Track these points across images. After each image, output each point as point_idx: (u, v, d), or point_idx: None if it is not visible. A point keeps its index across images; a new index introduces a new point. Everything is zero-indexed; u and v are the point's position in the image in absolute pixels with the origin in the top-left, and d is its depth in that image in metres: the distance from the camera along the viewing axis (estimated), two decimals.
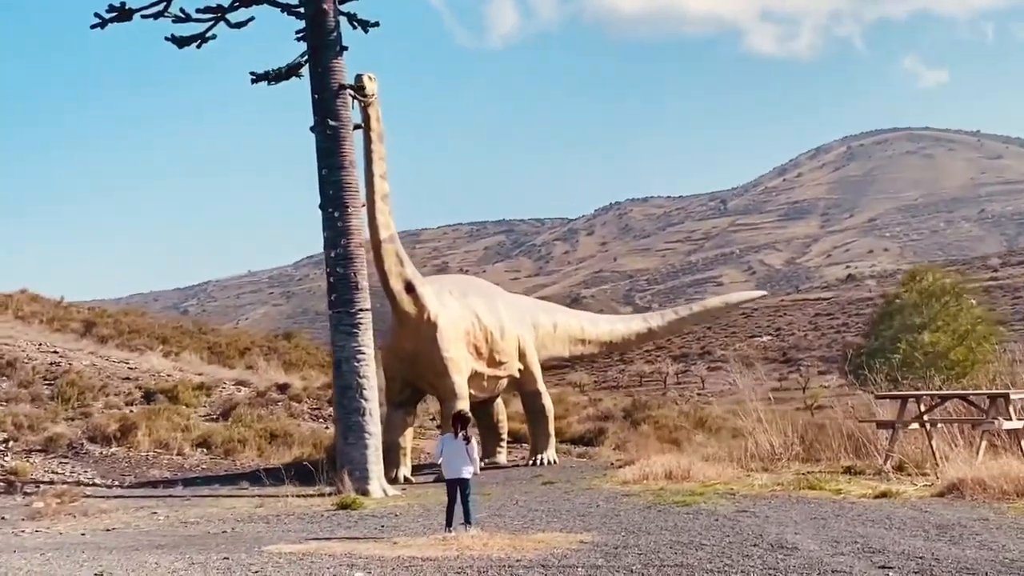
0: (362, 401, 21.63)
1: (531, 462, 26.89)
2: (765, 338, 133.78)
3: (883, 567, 11.72)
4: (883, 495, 17.82)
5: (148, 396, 34.04)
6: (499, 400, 27.91)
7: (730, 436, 29.51)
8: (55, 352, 40.96)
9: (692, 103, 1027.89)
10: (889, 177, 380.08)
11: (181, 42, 23.23)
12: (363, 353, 21.78)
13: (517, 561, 12.29)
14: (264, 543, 14.04)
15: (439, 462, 15.66)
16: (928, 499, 17.32)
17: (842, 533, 14.05)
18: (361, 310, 21.89)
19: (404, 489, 22.31)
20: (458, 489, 15.28)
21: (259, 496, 20.27)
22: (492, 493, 20.73)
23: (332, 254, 21.97)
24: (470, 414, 16.93)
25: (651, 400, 53.93)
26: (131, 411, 30.91)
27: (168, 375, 39.47)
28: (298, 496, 19.97)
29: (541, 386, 27.18)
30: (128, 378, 37.64)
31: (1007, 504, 16.28)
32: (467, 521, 14.99)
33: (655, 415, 39.17)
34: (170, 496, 20.94)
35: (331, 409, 33.75)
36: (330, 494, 20.48)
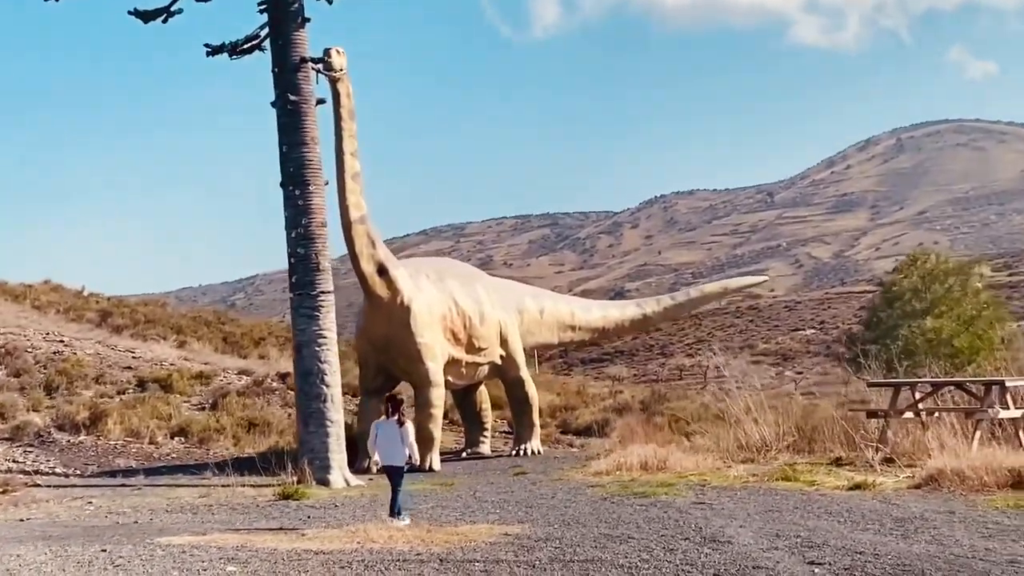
0: (323, 387, 20.70)
1: (514, 452, 25.89)
2: (809, 331, 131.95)
3: (813, 563, 10.71)
4: (857, 487, 16.75)
5: (142, 385, 33.33)
6: (483, 388, 26.85)
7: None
8: (61, 341, 40.36)
9: (738, 95, 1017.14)
10: (939, 169, 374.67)
11: (145, 16, 22.37)
12: (324, 337, 20.85)
13: (417, 555, 11.35)
14: (164, 534, 13.16)
15: (371, 447, 14.75)
16: (903, 491, 16.25)
17: (790, 526, 13.02)
18: (322, 292, 20.96)
19: (371, 479, 21.29)
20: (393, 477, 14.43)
21: (210, 486, 19.36)
22: (456, 483, 19.81)
23: (293, 234, 21.03)
24: (403, 396, 15.98)
25: (671, 392, 52.74)
26: (121, 399, 30.23)
27: (171, 364, 38.73)
28: (250, 486, 19.09)
29: (525, 373, 26.11)
30: (129, 367, 36.93)
31: (984, 496, 15.22)
32: (392, 512, 14.07)
33: (673, 407, 38.08)
34: (123, 486, 20.09)
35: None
36: (293, 483, 19.61)
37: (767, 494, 16.48)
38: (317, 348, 20.78)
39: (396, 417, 14.44)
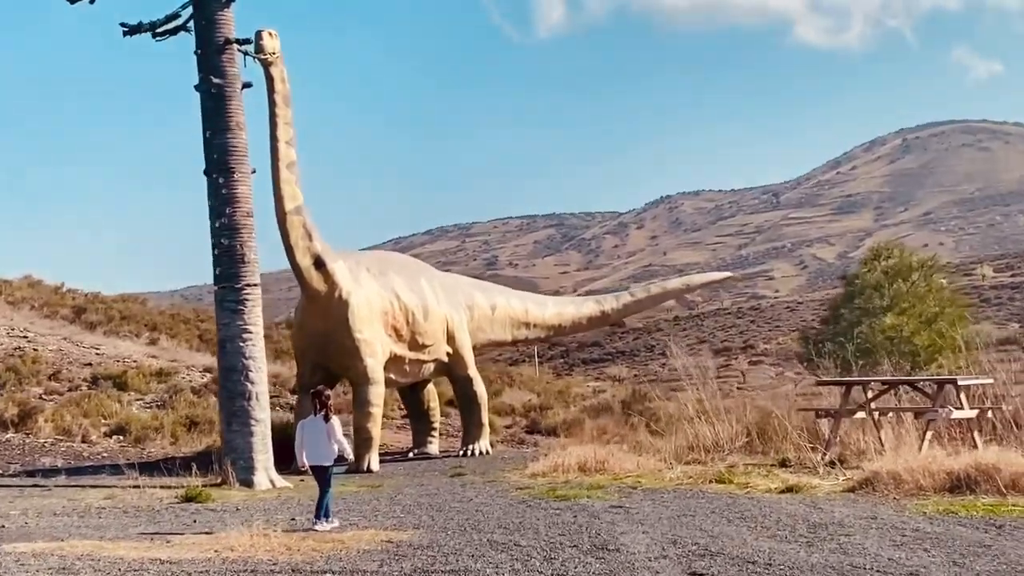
0: (248, 384, 19.79)
1: (461, 452, 24.95)
2: (810, 333, 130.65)
3: (695, 574, 9.78)
4: (789, 490, 15.86)
5: (95, 381, 32.55)
6: (430, 386, 25.92)
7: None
8: (24, 337, 39.60)
9: (743, 95, 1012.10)
10: (945, 170, 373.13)
11: None
12: (249, 332, 19.95)
13: (272, 566, 10.46)
14: (20, 541, 12.24)
15: (298, 449, 13.91)
16: (835, 495, 15.35)
17: (695, 532, 12.11)
18: (248, 285, 20.05)
19: (302, 480, 20.39)
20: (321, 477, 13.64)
21: (122, 487, 18.40)
22: (384, 485, 18.90)
23: (217, 224, 20.11)
24: (329, 390, 15.06)
25: (655, 392, 51.83)
26: (68, 396, 29.50)
27: (133, 361, 37.94)
28: (162, 487, 18.15)
29: (473, 371, 25.14)
30: (90, 363, 36.17)
31: (917, 500, 14.32)
32: (321, 515, 13.32)
33: (652, 407, 37.23)
34: (35, 486, 19.19)
35: (289, 397, 32.12)
36: (197, 486, 18.77)
37: (694, 497, 15.60)
38: (241, 344, 19.89)
39: (322, 413, 13.65)
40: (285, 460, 21.21)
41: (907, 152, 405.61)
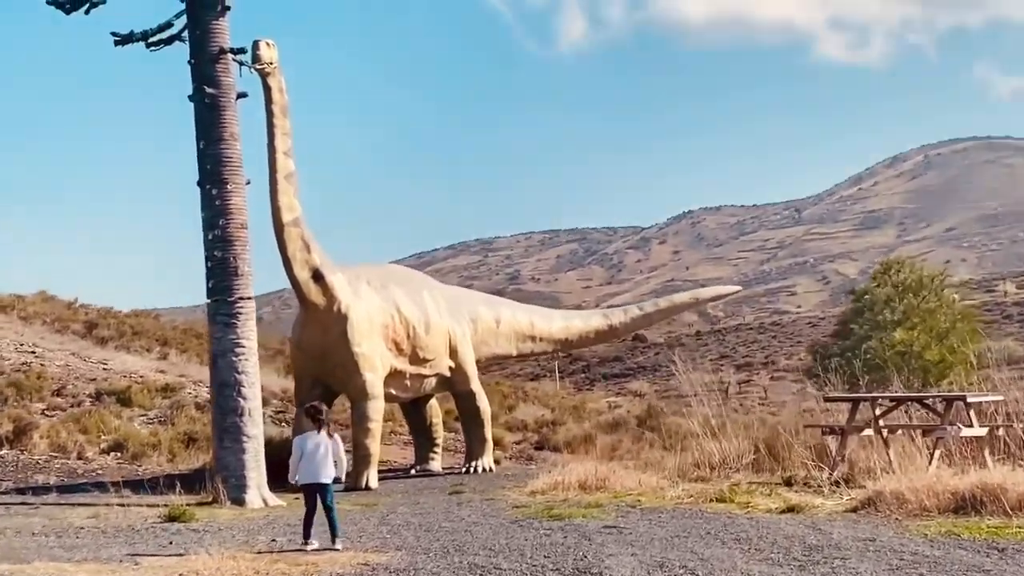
0: (240, 400, 19.39)
1: (464, 470, 24.47)
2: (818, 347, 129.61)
3: None
4: (790, 510, 15.35)
5: (99, 397, 32.21)
6: (433, 401, 25.47)
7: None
8: (32, 352, 39.32)
9: (764, 111, 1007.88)
10: (968, 186, 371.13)
11: (67, 8, 21.16)
12: (242, 346, 19.58)
13: None
14: None
15: (294, 465, 13.47)
16: (837, 515, 14.84)
17: (685, 555, 11.64)
18: (241, 298, 19.69)
19: (297, 497, 19.94)
20: (317, 496, 13.22)
21: (108, 505, 17.96)
22: (379, 503, 18.48)
23: (210, 236, 19.74)
24: (324, 405, 14.62)
25: (672, 408, 51.44)
26: (73, 411, 29.18)
27: (140, 376, 37.60)
28: (148, 506, 17.74)
29: (476, 386, 24.66)
30: (95, 379, 35.83)
31: (920, 522, 13.77)
32: (333, 534, 12.96)
33: (666, 423, 36.79)
34: (22, 504, 18.80)
35: (293, 412, 31.75)
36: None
37: (692, 517, 15.11)
38: (234, 358, 19.50)
39: (325, 430, 13.28)
40: (285, 478, 20.84)
41: (929, 168, 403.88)
